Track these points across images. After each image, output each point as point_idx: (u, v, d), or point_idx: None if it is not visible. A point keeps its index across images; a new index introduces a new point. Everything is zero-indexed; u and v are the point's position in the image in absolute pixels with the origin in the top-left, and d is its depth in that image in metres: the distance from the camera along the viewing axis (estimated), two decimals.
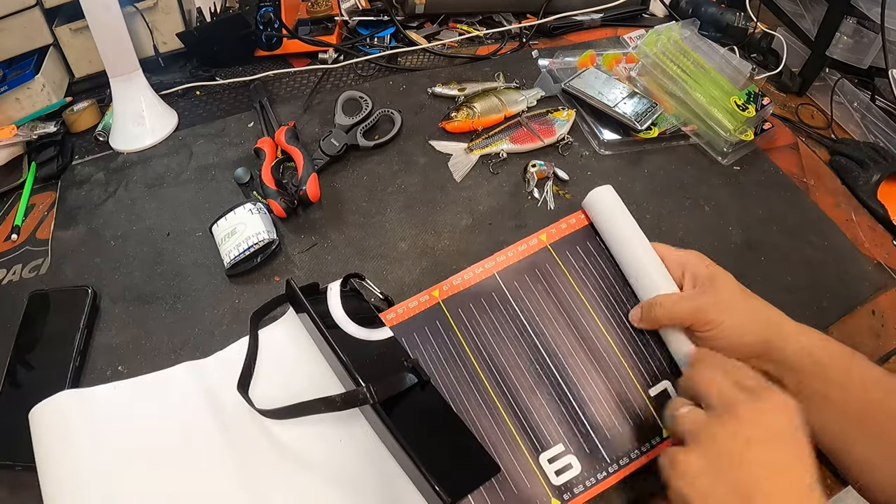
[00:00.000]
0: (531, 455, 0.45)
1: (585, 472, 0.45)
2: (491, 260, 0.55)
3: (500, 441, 0.46)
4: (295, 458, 0.45)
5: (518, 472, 0.45)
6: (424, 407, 0.45)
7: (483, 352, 0.50)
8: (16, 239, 0.64)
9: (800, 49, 0.80)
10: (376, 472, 0.44)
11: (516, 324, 0.51)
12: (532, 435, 0.46)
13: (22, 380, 0.51)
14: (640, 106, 0.71)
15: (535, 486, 0.44)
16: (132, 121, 0.72)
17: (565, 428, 0.46)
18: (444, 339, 0.50)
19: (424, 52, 0.84)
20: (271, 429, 0.46)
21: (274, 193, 0.61)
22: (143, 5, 0.75)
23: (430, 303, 0.52)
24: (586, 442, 0.46)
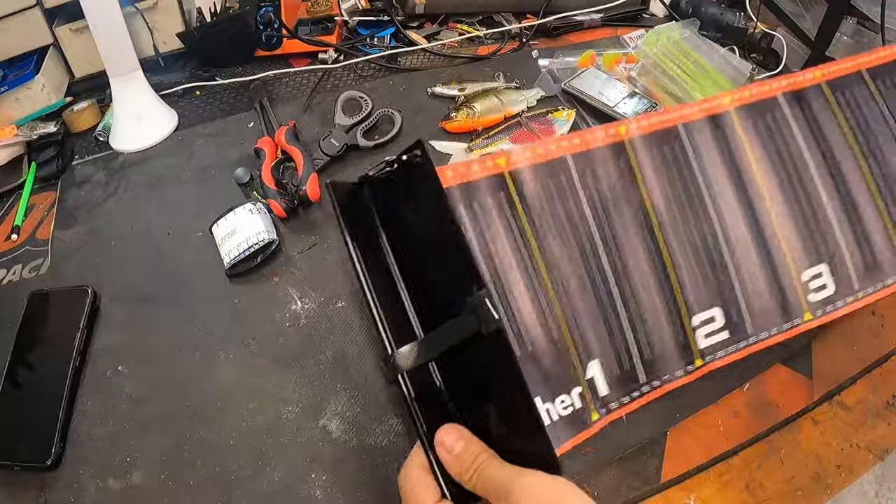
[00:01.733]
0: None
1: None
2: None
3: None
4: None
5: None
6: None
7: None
8: (16, 239, 0.64)
9: (800, 49, 0.80)
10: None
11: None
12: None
13: (22, 380, 0.51)
14: (640, 106, 0.71)
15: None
16: (132, 121, 0.72)
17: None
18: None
19: (424, 52, 0.84)
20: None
21: (274, 193, 0.61)
22: (143, 5, 0.75)
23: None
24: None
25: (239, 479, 0.46)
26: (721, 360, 0.44)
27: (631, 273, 0.44)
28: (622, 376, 0.43)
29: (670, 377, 0.44)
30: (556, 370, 0.41)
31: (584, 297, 0.43)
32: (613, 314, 0.44)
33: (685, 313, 0.44)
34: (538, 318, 0.42)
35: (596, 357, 0.42)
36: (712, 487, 0.47)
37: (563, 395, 0.41)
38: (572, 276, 0.43)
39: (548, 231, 0.43)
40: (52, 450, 0.46)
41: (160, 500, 0.45)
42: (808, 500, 0.46)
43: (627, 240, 0.45)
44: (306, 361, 0.53)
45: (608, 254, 0.44)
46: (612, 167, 0.45)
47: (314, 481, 0.46)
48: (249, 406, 0.50)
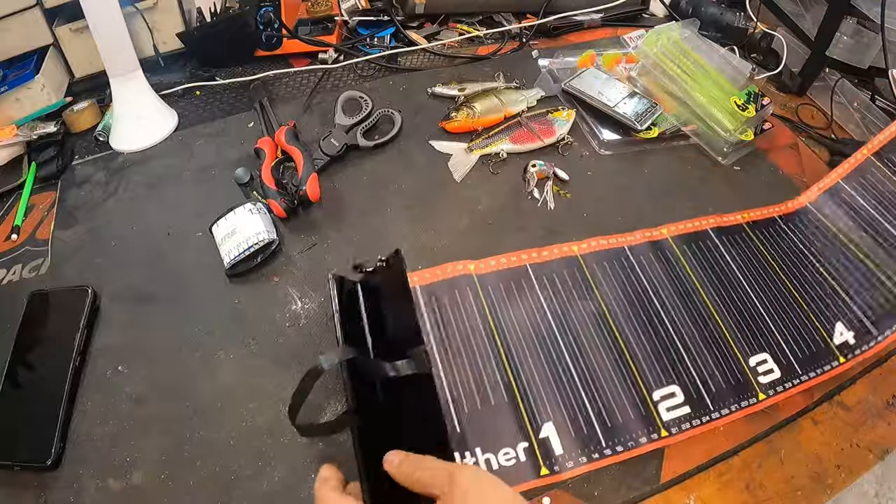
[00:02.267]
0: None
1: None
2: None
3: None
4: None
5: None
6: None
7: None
8: (16, 239, 0.64)
9: (800, 49, 0.80)
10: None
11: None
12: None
13: (22, 380, 0.51)
14: (640, 106, 0.71)
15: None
16: (132, 121, 0.72)
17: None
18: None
19: (424, 52, 0.84)
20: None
21: (274, 193, 0.61)
22: (143, 5, 0.75)
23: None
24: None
25: (239, 479, 0.46)
26: (686, 433, 0.48)
27: (588, 354, 0.52)
28: (581, 439, 0.47)
29: (634, 444, 0.47)
30: (502, 426, 0.47)
31: (538, 370, 0.51)
32: (570, 386, 0.50)
33: (644, 389, 0.50)
34: (489, 382, 0.50)
35: (550, 420, 0.48)
36: (712, 487, 0.47)
37: (508, 448, 0.46)
38: (529, 354, 0.51)
39: (507, 319, 0.53)
40: (52, 450, 0.46)
41: (160, 500, 0.45)
42: (808, 500, 0.46)
43: (583, 329, 0.53)
44: (306, 361, 0.53)
45: (564, 338, 0.53)
46: (566, 273, 0.57)
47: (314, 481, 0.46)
48: (249, 406, 0.50)
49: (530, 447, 0.46)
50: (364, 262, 0.51)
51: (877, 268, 0.58)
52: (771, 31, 0.83)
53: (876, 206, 0.62)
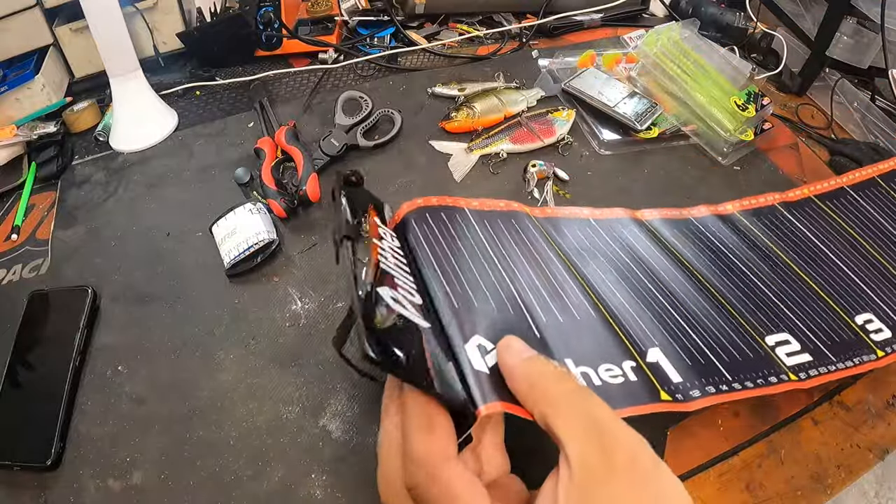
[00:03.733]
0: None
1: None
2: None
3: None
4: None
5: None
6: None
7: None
8: (16, 239, 0.64)
9: (800, 49, 0.80)
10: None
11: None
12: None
13: (22, 380, 0.51)
14: (640, 106, 0.71)
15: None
16: (132, 121, 0.72)
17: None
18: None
19: (424, 52, 0.84)
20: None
21: (274, 193, 0.61)
22: (143, 5, 0.76)
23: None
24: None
25: (239, 479, 0.46)
26: (815, 380, 0.45)
27: (682, 298, 0.48)
28: (699, 370, 0.42)
29: (764, 381, 0.43)
30: (597, 341, 0.41)
31: (628, 300, 0.46)
32: (670, 320, 0.45)
33: (754, 333, 0.47)
34: (570, 299, 0.44)
35: (656, 346, 0.43)
36: (712, 487, 0.47)
37: (611, 365, 0.39)
38: (614, 287, 0.47)
39: (579, 257, 0.49)
40: (52, 450, 0.46)
41: (160, 500, 0.45)
42: (808, 500, 0.46)
43: (671, 277, 0.50)
44: (306, 361, 0.53)
45: (654, 283, 0.49)
46: (638, 234, 0.54)
47: (314, 481, 0.46)
48: (249, 406, 0.50)
49: (639, 368, 0.40)
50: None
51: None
52: (771, 31, 0.83)
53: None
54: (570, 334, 0.40)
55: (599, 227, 0.53)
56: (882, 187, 0.60)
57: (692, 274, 0.51)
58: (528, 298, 0.42)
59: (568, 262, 0.48)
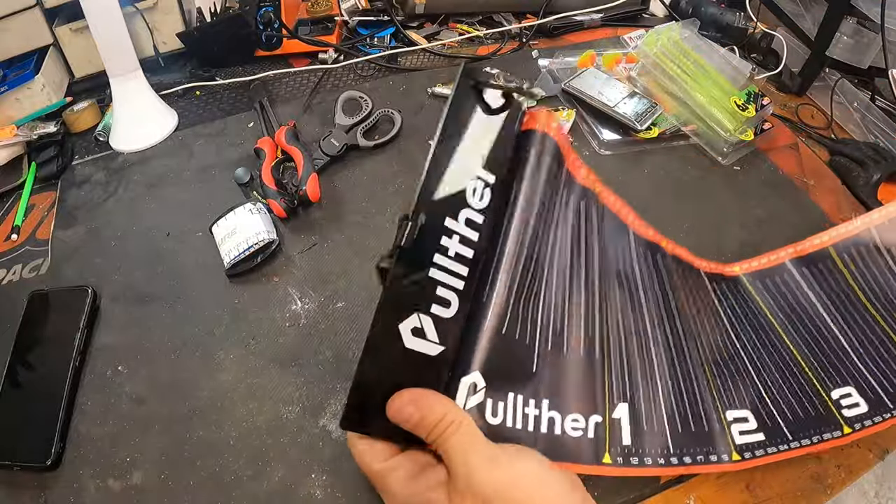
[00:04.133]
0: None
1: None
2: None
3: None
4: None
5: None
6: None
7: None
8: (16, 239, 0.64)
9: (800, 49, 0.80)
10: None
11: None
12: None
13: (22, 380, 0.51)
14: (640, 106, 0.71)
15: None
16: (132, 121, 0.72)
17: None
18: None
19: (424, 52, 0.84)
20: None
21: (274, 193, 0.61)
22: (143, 5, 0.76)
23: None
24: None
25: (239, 479, 0.46)
26: (759, 460, 0.44)
27: (683, 353, 0.46)
28: (651, 436, 0.41)
29: (704, 459, 0.42)
30: (583, 386, 0.40)
31: (646, 341, 0.43)
32: (656, 374, 0.44)
33: (719, 406, 0.45)
34: (585, 329, 0.42)
35: (625, 401, 0.41)
36: (712, 487, 0.47)
37: (577, 416, 0.40)
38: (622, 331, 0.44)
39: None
40: (52, 450, 0.46)
41: (160, 500, 0.45)
42: (808, 500, 0.46)
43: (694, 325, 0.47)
44: (306, 361, 0.53)
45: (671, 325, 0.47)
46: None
47: (314, 481, 0.46)
48: (249, 406, 0.50)
49: (603, 424, 0.40)
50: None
51: None
52: (771, 31, 0.83)
53: None
54: (563, 373, 0.40)
55: (658, 259, 0.49)
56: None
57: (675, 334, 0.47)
58: (545, 323, 0.40)
59: (617, 279, 0.44)
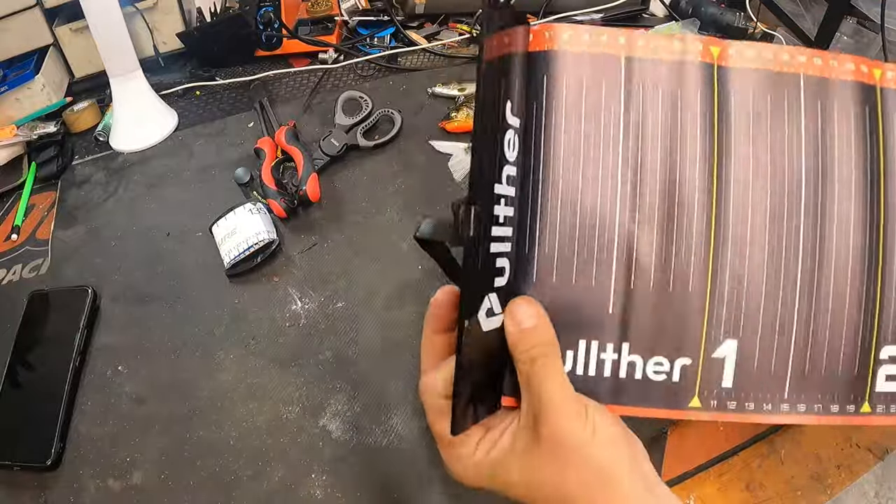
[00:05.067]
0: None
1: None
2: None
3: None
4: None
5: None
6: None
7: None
8: (16, 239, 0.64)
9: None
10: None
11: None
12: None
13: (22, 380, 0.51)
14: None
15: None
16: (132, 121, 0.72)
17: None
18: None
19: (424, 52, 0.84)
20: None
21: (274, 193, 0.61)
22: (143, 5, 0.76)
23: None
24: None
25: (239, 479, 0.46)
26: (890, 417, 0.34)
27: (828, 254, 0.34)
28: (761, 379, 0.34)
29: (821, 409, 0.34)
30: (671, 325, 0.33)
31: (751, 257, 0.33)
32: (787, 295, 0.34)
33: (875, 337, 0.35)
34: (682, 256, 0.33)
35: (735, 337, 0.34)
36: (712, 487, 0.47)
37: (662, 359, 0.33)
38: (751, 227, 0.33)
39: (741, 158, 0.33)
40: (52, 450, 0.46)
41: (160, 500, 0.45)
42: (808, 500, 0.46)
43: (840, 213, 0.34)
44: (306, 361, 0.53)
45: (807, 220, 0.34)
46: (852, 110, 0.35)
47: (314, 481, 0.46)
48: (249, 406, 0.50)
49: (693, 366, 0.33)
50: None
51: None
52: (771, 31, 0.83)
53: None
54: (650, 312, 0.33)
55: (803, 90, 0.34)
56: None
57: (876, 211, 0.34)
58: (632, 259, 0.33)
59: (715, 174, 0.33)
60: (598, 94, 0.33)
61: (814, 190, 0.34)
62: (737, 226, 0.33)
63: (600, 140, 0.33)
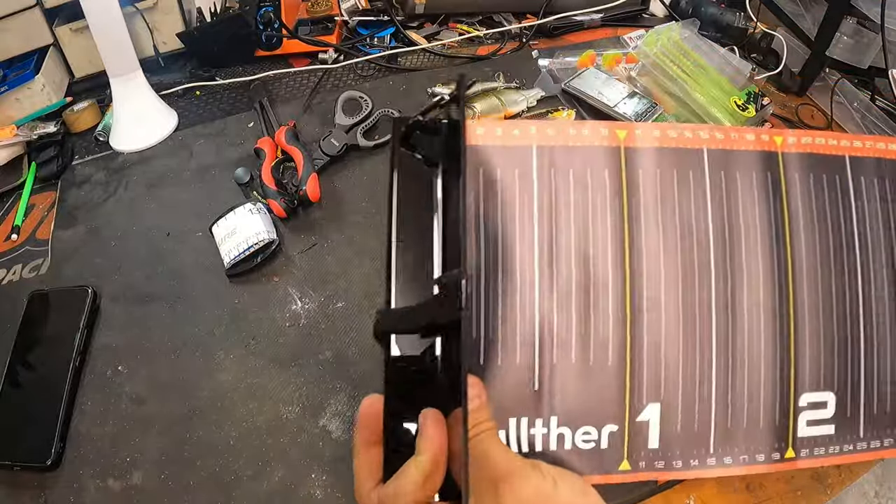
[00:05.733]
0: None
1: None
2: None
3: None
4: None
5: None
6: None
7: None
8: (16, 239, 0.64)
9: (800, 49, 0.80)
10: None
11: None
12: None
13: (22, 380, 0.51)
14: (640, 106, 0.71)
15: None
16: (132, 121, 0.72)
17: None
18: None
19: (424, 52, 0.84)
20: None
21: (274, 193, 0.61)
22: (143, 5, 0.75)
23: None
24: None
25: (239, 479, 0.46)
26: (819, 460, 0.36)
27: (740, 312, 0.36)
28: (686, 437, 0.35)
29: (747, 459, 0.35)
30: (594, 396, 0.35)
31: (667, 323, 0.35)
32: (704, 355, 0.35)
33: (793, 386, 0.36)
34: (596, 327, 0.35)
35: (657, 401, 0.35)
36: (712, 487, 0.47)
37: (590, 428, 0.35)
38: (664, 289, 0.35)
39: (651, 229, 0.35)
40: (52, 450, 0.46)
41: (160, 500, 0.45)
42: (808, 500, 0.46)
43: (749, 271, 0.36)
44: (306, 361, 0.53)
45: (718, 281, 0.36)
46: (754, 177, 0.37)
47: (314, 481, 0.46)
48: (249, 406, 0.50)
49: (620, 432, 0.35)
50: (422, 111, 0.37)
51: None
52: (771, 31, 0.83)
53: None
54: (574, 384, 0.34)
55: (707, 164, 0.36)
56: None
57: (783, 270, 0.36)
58: (549, 334, 0.34)
59: (627, 243, 0.35)
60: (513, 183, 0.35)
61: (722, 254, 0.36)
62: (651, 294, 0.35)
63: (515, 226, 0.35)
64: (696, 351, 0.35)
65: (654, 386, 0.35)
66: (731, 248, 0.36)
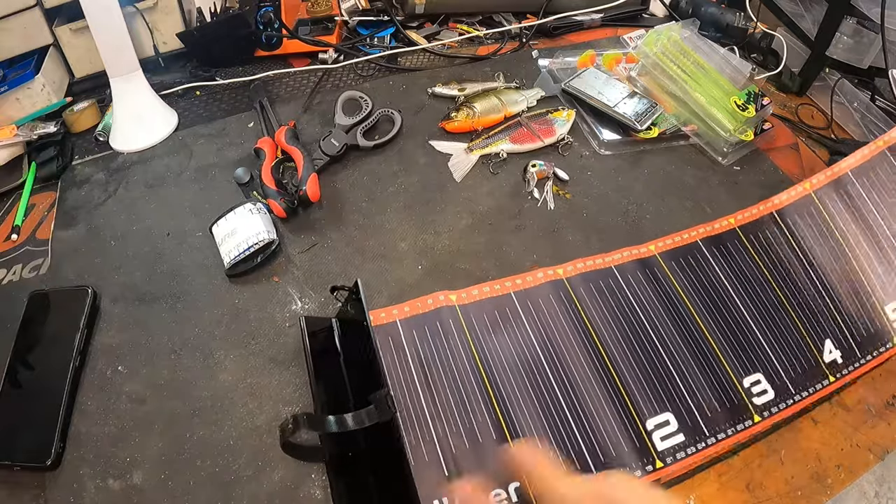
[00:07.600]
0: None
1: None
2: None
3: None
4: None
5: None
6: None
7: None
8: (16, 239, 0.64)
9: (800, 49, 0.80)
10: None
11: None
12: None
13: (22, 380, 0.51)
14: (640, 106, 0.71)
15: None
16: (132, 121, 0.72)
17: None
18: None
19: (424, 52, 0.84)
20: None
21: (274, 193, 0.61)
22: (143, 5, 0.75)
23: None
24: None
25: (239, 479, 0.46)
26: (681, 463, 0.47)
27: (577, 383, 0.50)
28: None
29: (639, 474, 0.45)
30: (492, 467, 0.44)
31: (526, 404, 0.48)
32: (560, 417, 0.48)
33: (637, 418, 0.48)
34: (476, 419, 0.47)
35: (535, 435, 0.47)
36: (712, 487, 0.47)
37: (499, 490, 0.43)
38: (516, 386, 0.49)
39: (493, 350, 0.51)
40: (52, 450, 0.46)
41: (160, 500, 0.45)
42: (808, 500, 0.46)
43: (572, 357, 0.51)
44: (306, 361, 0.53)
45: (552, 368, 0.50)
46: (553, 301, 0.54)
47: (314, 481, 0.46)
48: (249, 406, 0.50)
49: (521, 487, 0.42)
50: (342, 286, 0.50)
51: (865, 278, 0.57)
52: (771, 31, 0.83)
53: (878, 205, 0.60)
54: (474, 462, 0.45)
55: (516, 301, 0.53)
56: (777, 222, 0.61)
57: (594, 346, 0.52)
58: (444, 432, 0.46)
59: (479, 362, 0.50)
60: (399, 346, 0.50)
61: (552, 361, 0.50)
62: (508, 392, 0.48)
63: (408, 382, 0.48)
64: (553, 420, 0.48)
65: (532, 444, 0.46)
66: (558, 355, 0.51)
